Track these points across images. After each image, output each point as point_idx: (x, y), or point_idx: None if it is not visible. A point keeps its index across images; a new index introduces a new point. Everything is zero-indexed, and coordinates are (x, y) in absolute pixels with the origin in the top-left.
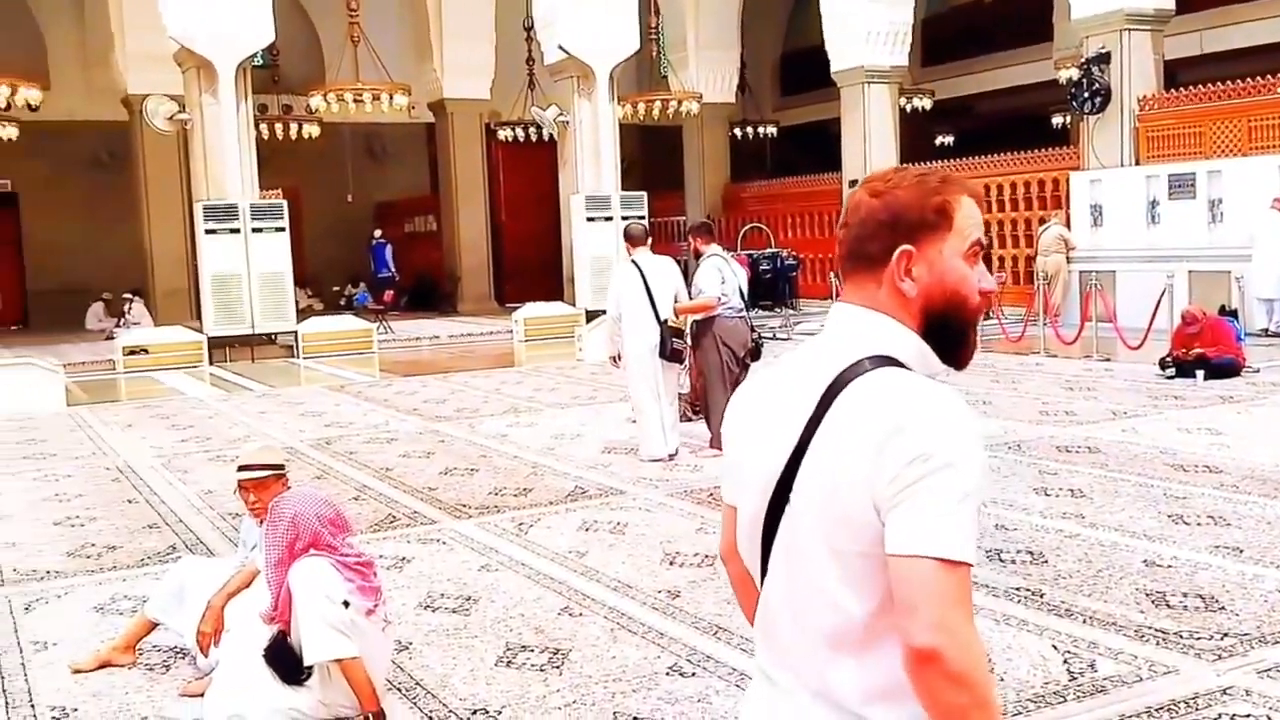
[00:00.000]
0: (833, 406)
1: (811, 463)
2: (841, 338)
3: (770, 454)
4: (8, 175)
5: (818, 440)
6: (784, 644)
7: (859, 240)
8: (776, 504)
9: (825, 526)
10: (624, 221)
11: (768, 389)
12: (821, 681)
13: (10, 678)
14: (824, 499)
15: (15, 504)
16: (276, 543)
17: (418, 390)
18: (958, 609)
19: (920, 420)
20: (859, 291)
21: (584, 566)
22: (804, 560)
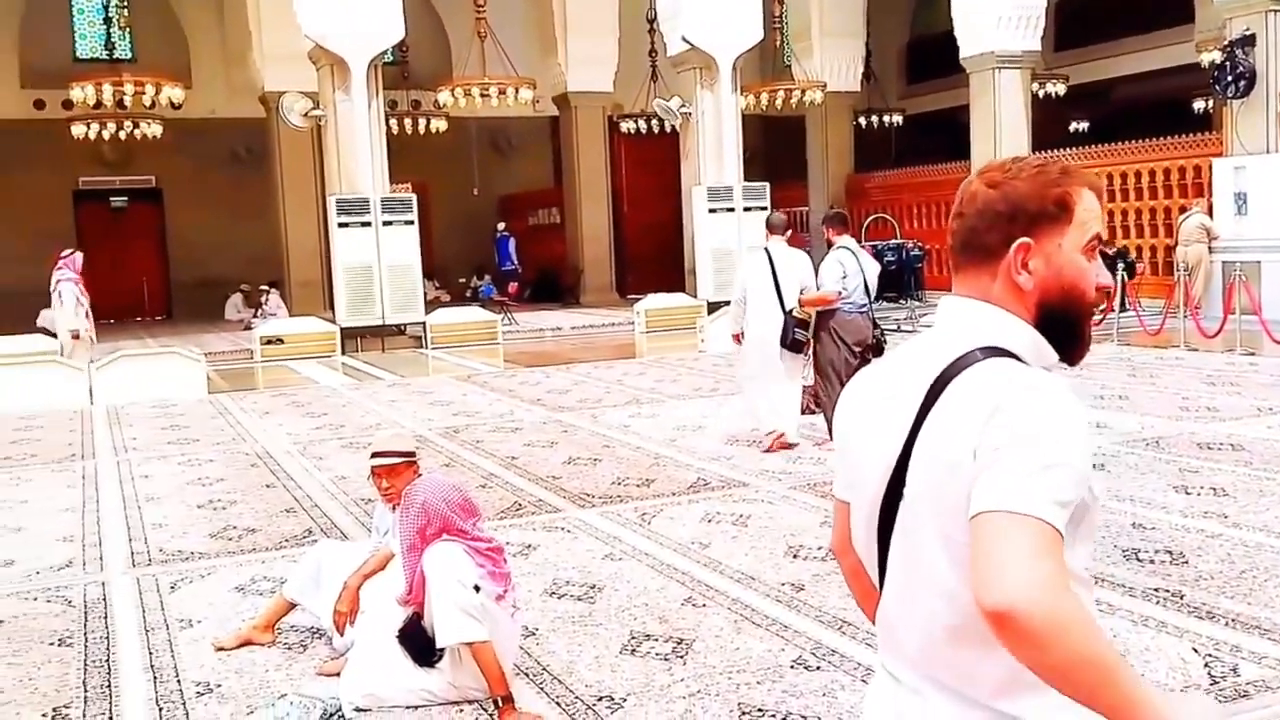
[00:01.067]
0: (942, 396)
1: (922, 454)
2: (952, 330)
3: (883, 448)
4: (153, 171)
5: (927, 431)
6: (905, 639)
7: (974, 231)
8: (891, 498)
9: (938, 517)
10: (746, 213)
11: (877, 383)
12: (947, 676)
13: (158, 653)
14: (935, 489)
15: (162, 487)
16: (409, 529)
17: (541, 381)
18: (1034, 565)
19: (1017, 400)
20: (971, 283)
21: (707, 558)
22: (920, 552)
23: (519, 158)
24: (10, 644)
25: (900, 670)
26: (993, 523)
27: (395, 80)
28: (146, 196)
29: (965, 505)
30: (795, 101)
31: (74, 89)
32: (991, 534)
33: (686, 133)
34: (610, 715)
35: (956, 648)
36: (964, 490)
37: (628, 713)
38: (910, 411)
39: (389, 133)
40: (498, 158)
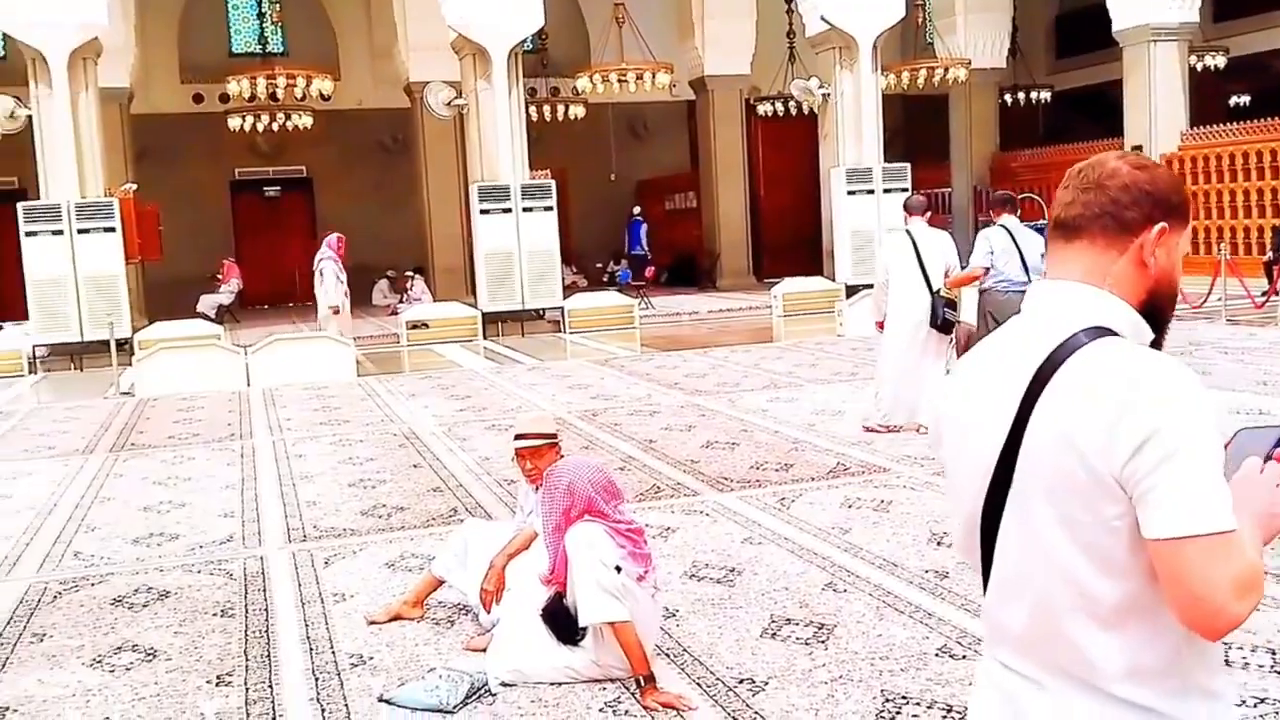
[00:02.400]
0: (1051, 382)
1: (1035, 442)
2: (1049, 314)
3: (985, 440)
4: (303, 161)
5: (1040, 417)
6: (1021, 630)
7: (1117, 204)
8: (997, 489)
9: (1059, 502)
10: (886, 194)
11: (971, 379)
12: (1067, 662)
13: (313, 625)
14: (1054, 475)
15: (316, 466)
16: (553, 509)
17: (678, 365)
18: (1235, 581)
19: (1148, 396)
20: (1087, 256)
21: (847, 543)
22: (1038, 540)
23: (655, 142)
24: (177, 614)
25: (1016, 662)
26: (1182, 554)
27: (534, 68)
28: (298, 186)
29: (1094, 493)
30: (938, 80)
31: (230, 83)
32: (1186, 562)
33: (825, 114)
34: (751, 698)
35: (1076, 633)
36: (1092, 479)
37: (769, 696)
38: (1014, 401)
39: (528, 120)
40: (634, 143)
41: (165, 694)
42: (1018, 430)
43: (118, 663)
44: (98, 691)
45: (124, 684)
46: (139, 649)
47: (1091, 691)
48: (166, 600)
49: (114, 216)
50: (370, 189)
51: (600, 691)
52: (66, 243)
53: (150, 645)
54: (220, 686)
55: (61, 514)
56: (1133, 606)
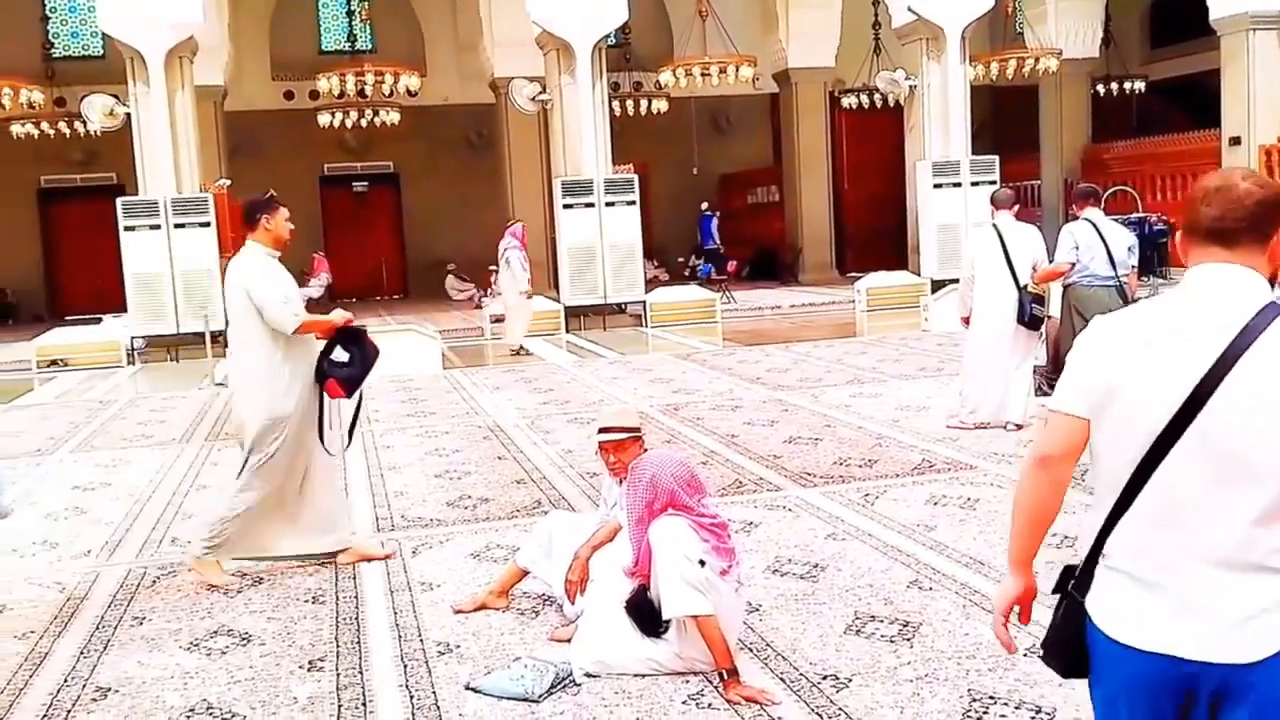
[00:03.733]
0: (1259, 341)
1: (1240, 383)
2: (1232, 288)
3: (1175, 384)
4: (390, 157)
5: (1246, 366)
6: (1212, 535)
7: (1265, 220)
8: (1181, 420)
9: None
10: (973, 187)
11: (1152, 329)
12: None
13: (402, 613)
14: (1264, 411)
15: (403, 457)
16: (636, 503)
17: (760, 359)
18: None
19: None
20: (1243, 255)
21: (933, 540)
22: (1235, 461)
23: (738, 136)
24: (270, 600)
25: (1190, 568)
26: None
27: (618, 62)
28: (385, 181)
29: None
30: (1028, 70)
31: (320, 80)
32: None
33: (911, 106)
34: (835, 694)
35: (1271, 520)
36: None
37: (853, 692)
38: (1211, 355)
39: (611, 114)
40: (717, 136)
41: (259, 678)
42: (1214, 378)
43: (214, 646)
44: (195, 674)
45: (220, 667)
46: (234, 633)
47: (1264, 571)
48: (260, 586)
49: (209, 211)
50: (455, 184)
51: (683, 684)
52: (163, 237)
53: (245, 630)
54: (312, 671)
55: (159, 501)
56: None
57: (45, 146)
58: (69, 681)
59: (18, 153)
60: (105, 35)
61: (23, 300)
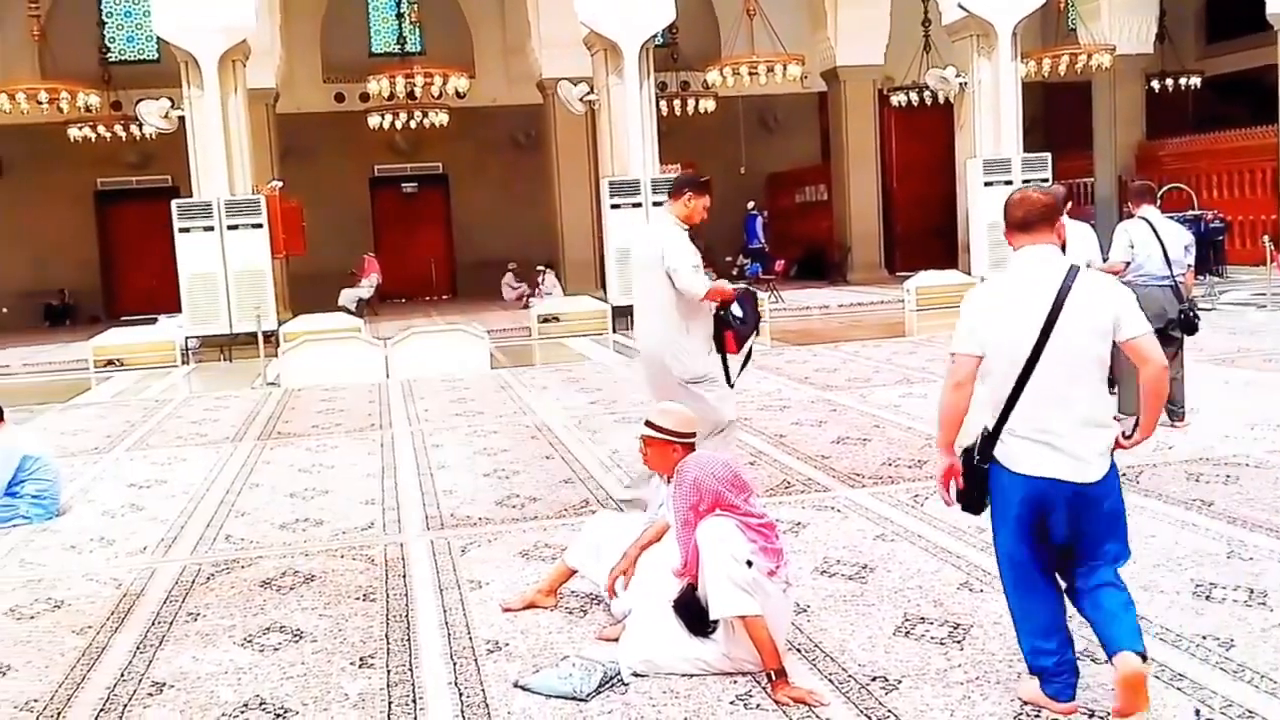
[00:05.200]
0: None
1: (1067, 319)
2: (1049, 261)
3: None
4: (439, 158)
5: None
6: (1074, 407)
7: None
8: (1039, 344)
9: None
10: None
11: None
12: (1093, 412)
13: (451, 611)
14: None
15: (452, 456)
16: (681, 505)
17: (808, 359)
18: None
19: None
20: (1043, 237)
21: (984, 542)
22: (1078, 361)
23: (786, 135)
24: (322, 597)
25: (1060, 427)
26: (1142, 339)
27: (665, 62)
28: (434, 182)
29: (1109, 335)
30: (1080, 66)
31: (370, 82)
32: (1145, 341)
33: (961, 103)
34: (884, 696)
35: (1096, 394)
36: (1109, 332)
37: (902, 695)
38: (1047, 304)
39: (658, 114)
40: (765, 135)
41: (311, 674)
42: (1053, 318)
43: (267, 643)
44: (248, 670)
45: (272, 663)
46: (286, 630)
47: (1095, 424)
48: (312, 583)
49: (261, 213)
50: (503, 184)
51: (731, 685)
52: (217, 238)
53: (297, 626)
54: (363, 668)
55: (213, 499)
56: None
57: (102, 149)
58: (125, 676)
59: (75, 156)
60: (160, 39)
61: (80, 301)
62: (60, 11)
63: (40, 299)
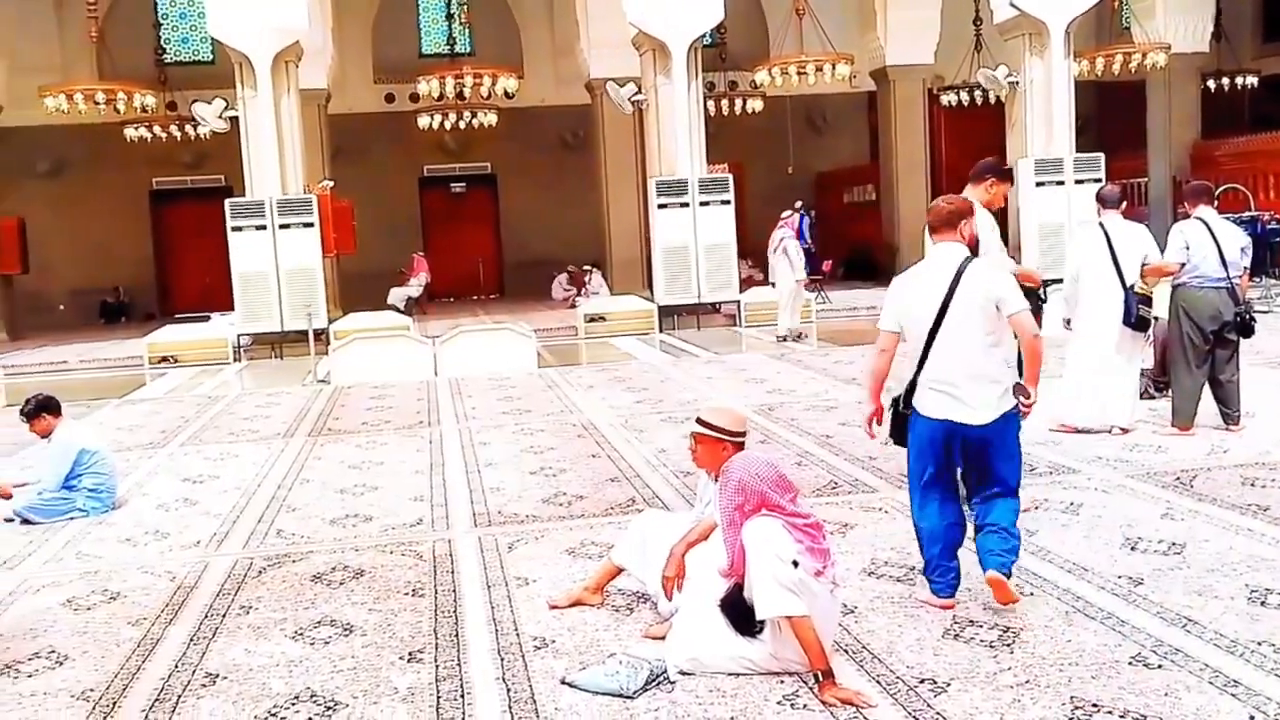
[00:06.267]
0: (963, 275)
1: (962, 299)
2: (951, 254)
3: (933, 300)
4: (487, 158)
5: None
6: (966, 364)
7: (954, 219)
8: (940, 316)
9: (982, 319)
10: (1077, 185)
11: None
12: (983, 370)
13: (498, 608)
14: (979, 310)
15: (499, 453)
16: (727, 506)
17: (855, 360)
18: (1033, 320)
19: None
20: (949, 236)
21: (1034, 545)
22: (970, 330)
23: (834, 135)
24: (371, 592)
25: (958, 380)
26: (1021, 315)
27: (713, 62)
28: (482, 182)
29: (994, 311)
30: (1134, 66)
31: (420, 83)
32: (1021, 317)
33: (1013, 103)
34: (933, 698)
35: (988, 356)
36: (992, 309)
37: (951, 697)
38: (945, 286)
39: (706, 114)
40: (813, 135)
41: (361, 667)
42: (949, 297)
43: (317, 636)
44: (299, 662)
45: (323, 656)
46: (336, 624)
47: (991, 381)
48: (362, 578)
49: (313, 212)
50: (551, 184)
51: (778, 685)
52: (269, 237)
53: (347, 620)
54: (412, 663)
55: (265, 494)
56: (999, 343)
57: (157, 149)
58: (180, 667)
59: (131, 155)
60: (214, 41)
61: (135, 298)
62: (117, 13)
63: (96, 296)
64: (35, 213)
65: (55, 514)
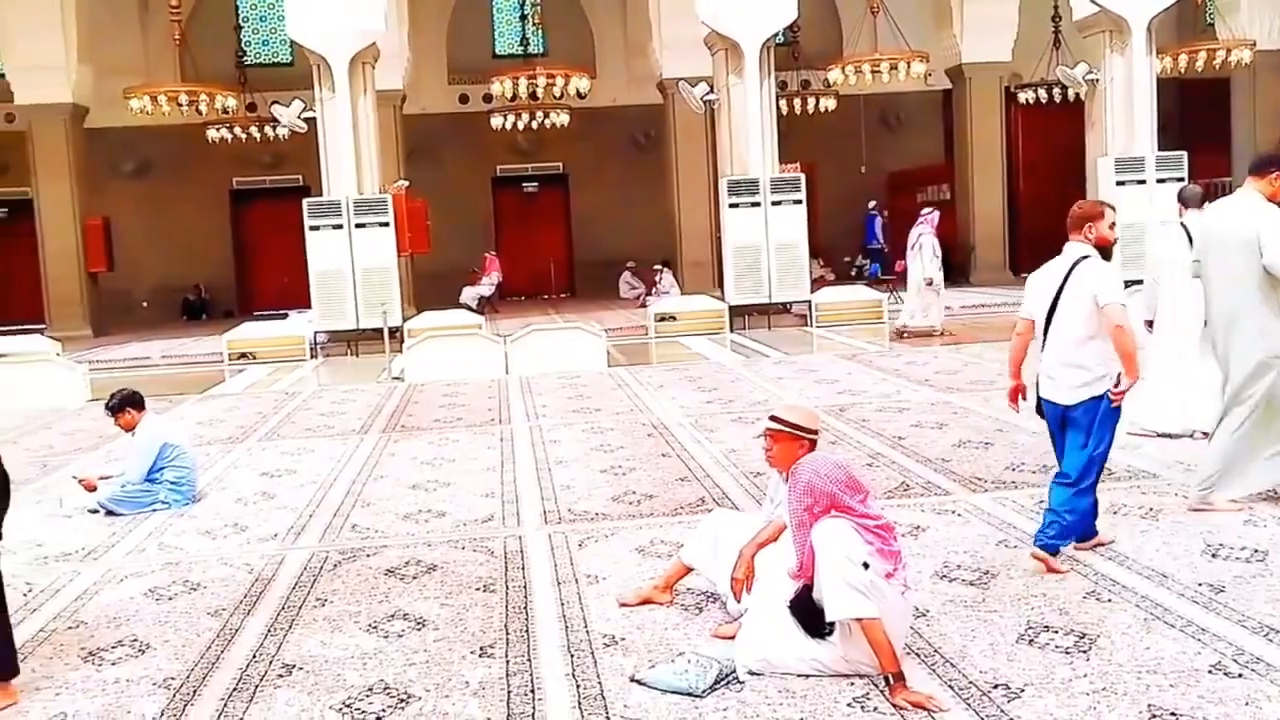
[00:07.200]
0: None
1: (1067, 291)
2: (1072, 252)
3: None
4: (559, 158)
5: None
6: (1062, 349)
7: (1078, 222)
8: (1052, 308)
9: (1081, 308)
10: (1159, 184)
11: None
12: (1075, 358)
13: (568, 604)
14: (1080, 300)
15: (570, 452)
16: (796, 506)
17: (929, 361)
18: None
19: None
20: (1077, 236)
21: (1112, 551)
22: (1070, 320)
23: (908, 133)
24: (444, 587)
25: (1056, 364)
26: (1109, 307)
27: (785, 61)
28: (554, 181)
29: (1093, 305)
30: (1218, 62)
31: (493, 83)
32: (1110, 309)
33: (1093, 101)
34: (1006, 704)
35: (1084, 348)
36: (1091, 302)
37: (1025, 703)
38: (1059, 279)
39: (778, 113)
40: (886, 134)
41: (433, 661)
42: (1061, 289)
43: (391, 630)
44: (373, 655)
45: (396, 649)
46: (409, 618)
47: (1081, 368)
48: (434, 573)
49: (388, 212)
50: (622, 184)
51: (848, 686)
52: (345, 236)
53: (420, 615)
54: (483, 657)
55: (340, 489)
56: (1096, 335)
57: (237, 150)
58: (257, 657)
59: (213, 156)
60: (294, 43)
61: (215, 296)
62: (200, 16)
63: (178, 294)
64: (121, 212)
65: (138, 506)
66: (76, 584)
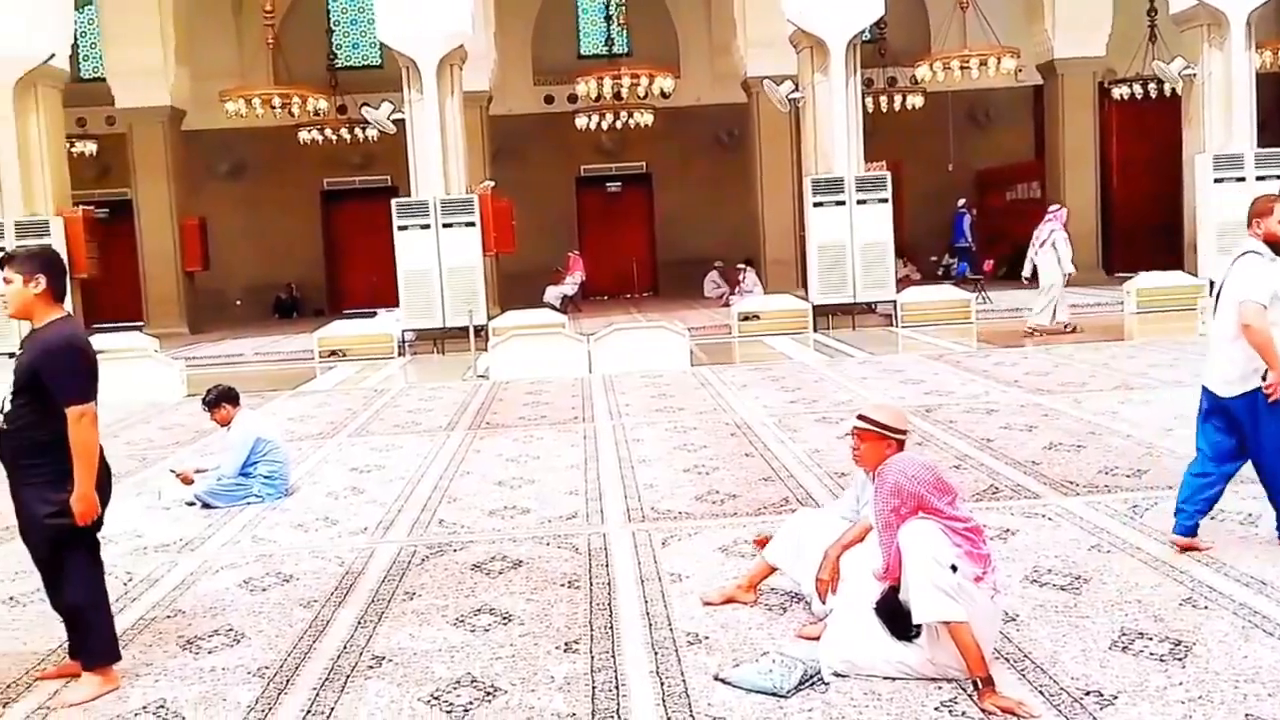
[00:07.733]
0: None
1: (1226, 282)
2: (1242, 244)
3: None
4: (643, 158)
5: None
6: (1221, 338)
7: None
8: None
9: (1231, 304)
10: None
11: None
12: (1228, 353)
13: (652, 602)
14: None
15: (653, 450)
16: (882, 508)
17: (1018, 362)
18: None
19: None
20: (1252, 230)
21: (1208, 557)
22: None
23: (997, 130)
24: (529, 582)
25: (1213, 357)
26: (1242, 304)
27: (871, 58)
28: (638, 181)
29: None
30: None
31: (578, 84)
32: (1242, 306)
33: (1190, 96)
34: (1099, 711)
35: (1234, 343)
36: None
37: (1118, 711)
38: (1225, 273)
39: (864, 111)
40: (974, 131)
41: (519, 656)
42: (1222, 285)
43: (477, 624)
44: (460, 648)
45: (483, 643)
46: (496, 612)
47: (1229, 362)
48: (520, 569)
49: (474, 212)
50: (705, 183)
51: (935, 690)
52: (433, 236)
53: (506, 609)
54: (568, 653)
55: (428, 485)
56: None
57: (328, 151)
58: (348, 649)
59: (304, 157)
60: (383, 46)
61: (306, 295)
62: (293, 20)
63: (270, 292)
64: (216, 212)
65: (233, 499)
66: (174, 574)
